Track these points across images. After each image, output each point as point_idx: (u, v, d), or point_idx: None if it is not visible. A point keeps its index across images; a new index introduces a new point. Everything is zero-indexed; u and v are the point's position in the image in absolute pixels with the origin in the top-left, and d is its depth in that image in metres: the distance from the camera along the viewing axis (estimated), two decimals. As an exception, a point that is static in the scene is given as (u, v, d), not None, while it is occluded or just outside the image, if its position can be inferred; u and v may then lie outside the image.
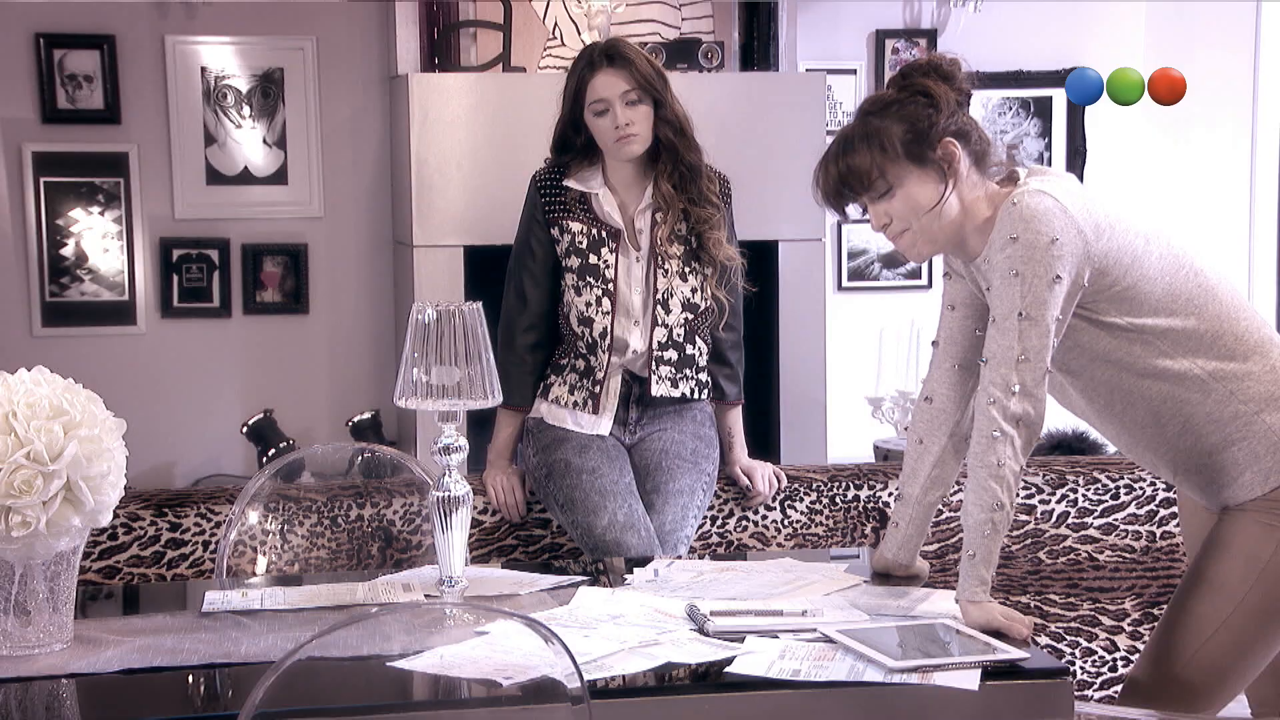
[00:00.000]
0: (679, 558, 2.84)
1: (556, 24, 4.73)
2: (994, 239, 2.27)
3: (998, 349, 2.25)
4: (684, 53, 4.54)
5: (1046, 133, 5.45)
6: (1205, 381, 2.31)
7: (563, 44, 4.73)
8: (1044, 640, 3.30)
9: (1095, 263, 2.26)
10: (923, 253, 2.37)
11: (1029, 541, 3.34)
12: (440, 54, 4.61)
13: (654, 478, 3.11)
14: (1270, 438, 2.30)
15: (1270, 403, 2.31)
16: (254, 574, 2.81)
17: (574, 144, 3.14)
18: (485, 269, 4.15)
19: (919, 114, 2.31)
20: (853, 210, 2.38)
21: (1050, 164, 5.43)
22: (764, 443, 4.42)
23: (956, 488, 2.79)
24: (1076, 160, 5.43)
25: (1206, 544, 2.38)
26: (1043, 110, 5.44)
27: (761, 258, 4.49)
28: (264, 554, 2.84)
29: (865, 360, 5.40)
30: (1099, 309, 2.30)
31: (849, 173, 2.31)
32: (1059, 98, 5.41)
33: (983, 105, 5.40)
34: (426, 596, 2.38)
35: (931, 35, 5.33)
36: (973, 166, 2.34)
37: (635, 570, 2.56)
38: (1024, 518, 3.34)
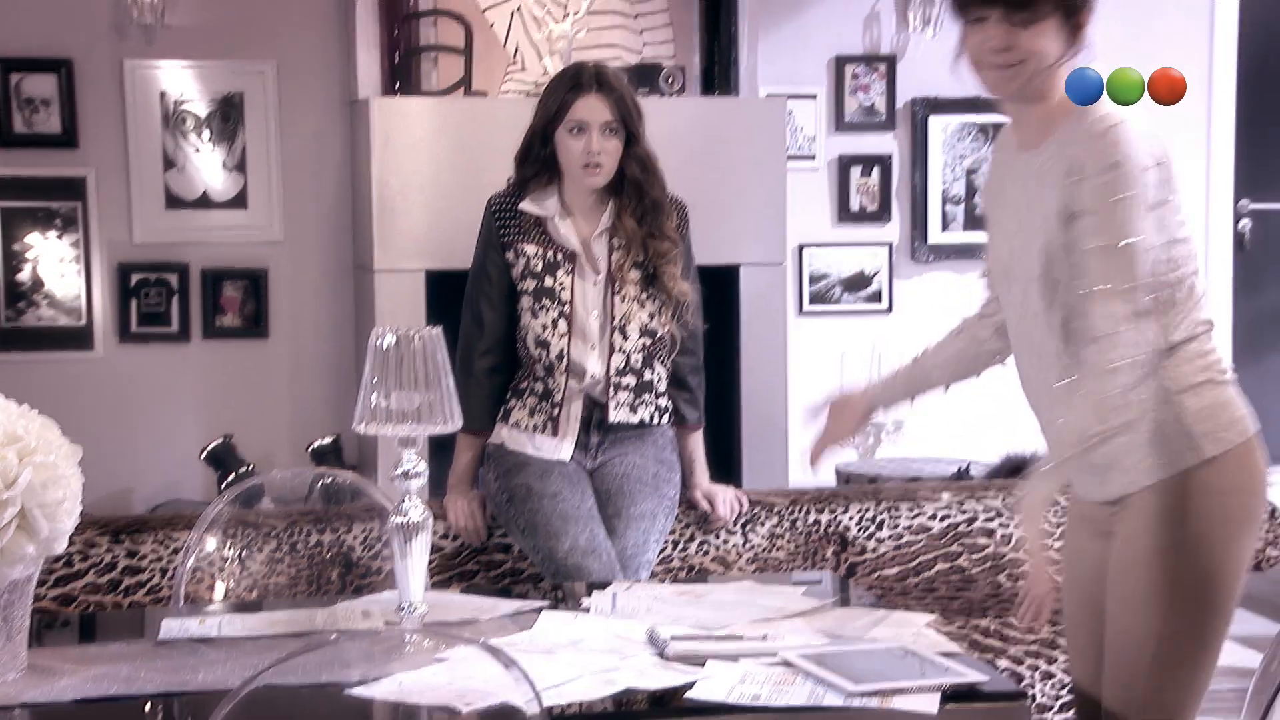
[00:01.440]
0: (640, 582, 2.83)
1: (518, 48, 4.74)
2: (1091, 159, 2.19)
3: (1095, 281, 2.18)
4: (645, 77, 4.56)
5: (1005, 157, 5.49)
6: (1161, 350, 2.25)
7: (524, 68, 4.74)
8: (1003, 664, 3.31)
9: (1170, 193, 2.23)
10: (1010, 90, 2.29)
11: (988, 565, 3.35)
12: (401, 78, 4.61)
13: (615, 502, 3.10)
14: (1177, 426, 2.25)
15: (1190, 388, 2.27)
16: (212, 601, 2.78)
17: (538, 156, 3.14)
18: (447, 293, 4.14)
19: None
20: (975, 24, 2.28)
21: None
22: (726, 466, 4.42)
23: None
24: (1035, 185, 5.47)
25: (1118, 565, 2.33)
26: (1001, 135, 5.48)
27: (723, 282, 4.51)
28: (222, 581, 2.82)
29: (827, 384, 5.40)
30: None
31: None
32: (1017, 123, 5.45)
33: (941, 130, 5.44)
34: (386, 623, 2.37)
35: (891, 61, 5.37)
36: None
37: (595, 595, 2.55)
38: (983, 541, 3.35)
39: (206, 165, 4.77)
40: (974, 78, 2.34)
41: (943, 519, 3.35)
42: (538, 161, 3.15)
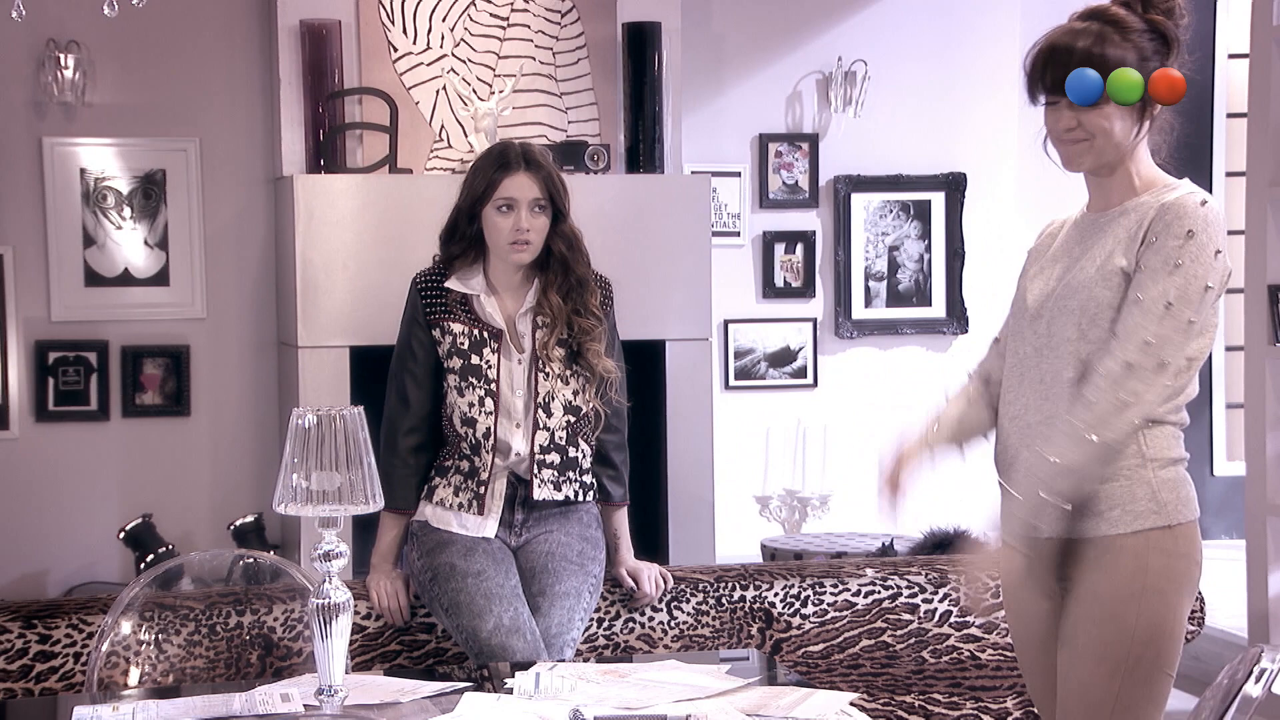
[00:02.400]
0: (564, 661, 2.81)
1: (444, 126, 4.76)
2: (1171, 223, 2.33)
3: (1133, 328, 2.33)
4: (571, 155, 4.59)
5: (926, 235, 5.57)
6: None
7: (450, 145, 4.76)
8: (930, 738, 3.31)
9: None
10: (1083, 165, 2.45)
11: (912, 641, 3.36)
12: (326, 155, 4.61)
13: (540, 580, 3.08)
14: (1147, 489, 2.39)
15: (1163, 461, 2.41)
16: (127, 686, 2.73)
17: (464, 234, 3.15)
18: (371, 369, 4.12)
19: (1151, 51, 2.40)
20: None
21: (930, 266, 5.55)
22: (652, 542, 4.42)
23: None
24: (956, 261, 5.56)
25: (1074, 623, 2.42)
26: (922, 213, 5.57)
27: (649, 357, 4.52)
28: (137, 665, 2.76)
29: (753, 459, 5.44)
30: None
31: (1099, 54, 2.36)
32: (938, 201, 5.55)
33: (864, 208, 5.52)
34: (305, 707, 2.33)
35: (813, 139, 5.45)
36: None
37: (519, 675, 2.53)
38: (907, 617, 3.36)
39: (128, 242, 4.73)
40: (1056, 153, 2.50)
41: (867, 595, 3.36)
42: (464, 240, 3.16)
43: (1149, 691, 2.40)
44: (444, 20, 4.77)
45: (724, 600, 3.32)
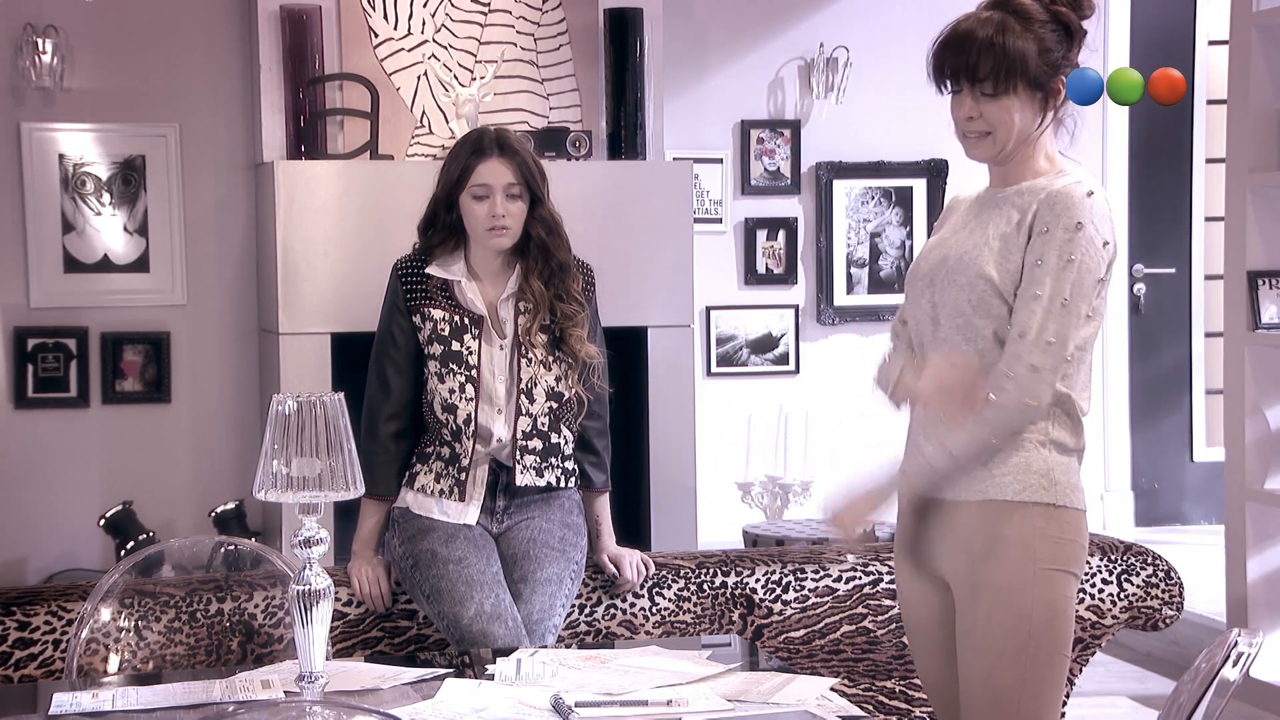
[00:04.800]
0: (545, 647, 2.81)
1: (425, 112, 4.75)
2: (1059, 214, 2.35)
3: (1036, 328, 2.35)
4: (552, 141, 4.58)
5: (908, 221, 5.58)
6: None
7: (431, 132, 4.75)
8: (911, 723, 3.32)
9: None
10: (981, 155, 2.48)
11: (894, 626, 3.37)
12: (307, 141, 4.59)
13: (522, 566, 3.08)
14: (1044, 465, 2.40)
15: (1060, 445, 2.43)
16: (106, 673, 2.72)
17: (443, 223, 3.14)
18: (352, 355, 4.11)
19: (1053, 42, 2.40)
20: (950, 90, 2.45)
21: (912, 253, 5.56)
22: (634, 529, 4.42)
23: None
24: (937, 248, 5.56)
25: (971, 612, 2.44)
26: (904, 200, 5.58)
27: (631, 344, 4.52)
28: (117, 652, 2.75)
29: (734, 445, 5.44)
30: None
31: (1004, 41, 2.37)
32: (919, 187, 5.56)
33: (845, 194, 5.52)
34: (286, 693, 2.33)
35: (795, 126, 5.45)
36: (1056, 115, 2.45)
37: (500, 661, 2.53)
38: (889, 602, 3.37)
39: (107, 228, 4.71)
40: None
41: (848, 581, 3.37)
42: (444, 229, 3.15)
43: (1051, 675, 2.42)
44: (425, 6, 4.75)
45: (705, 586, 3.33)
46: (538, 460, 3.14)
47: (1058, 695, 2.45)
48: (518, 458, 3.12)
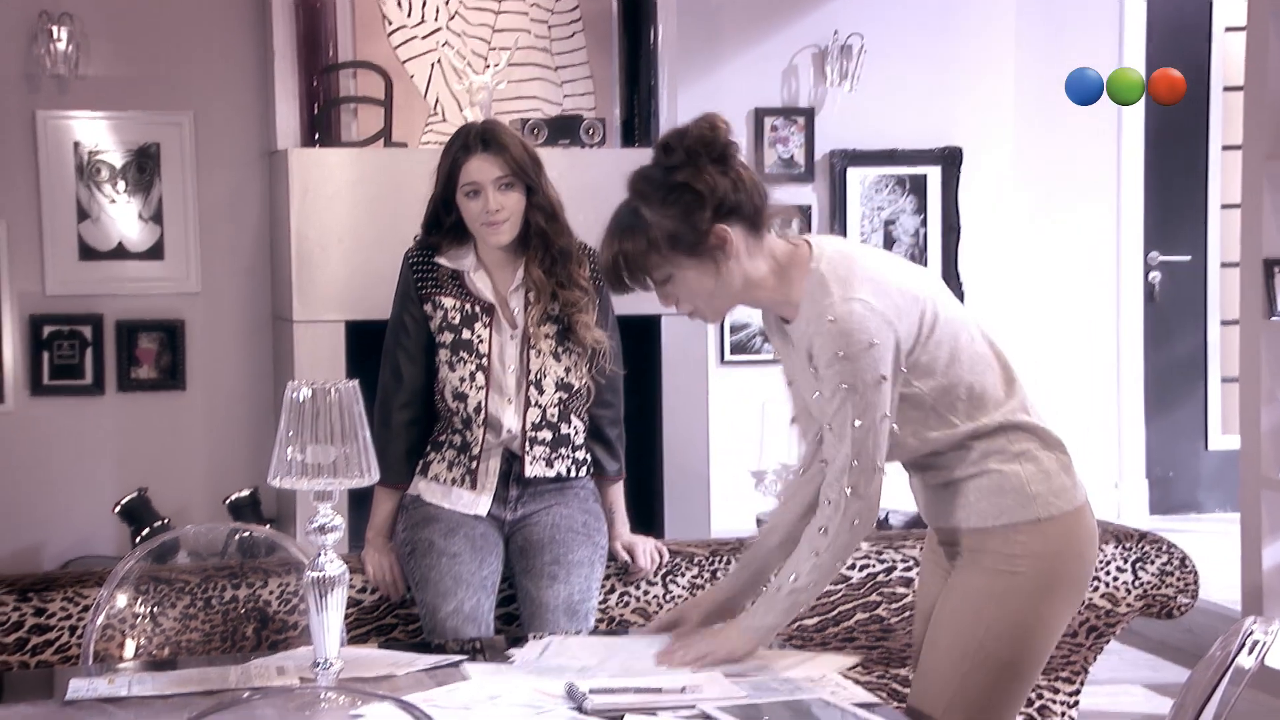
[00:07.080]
0: (580, 633, 2.83)
1: (438, 100, 4.75)
2: (820, 351, 2.31)
3: (836, 455, 2.32)
4: (566, 129, 4.58)
5: (922, 209, 5.57)
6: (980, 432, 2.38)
7: (444, 120, 4.75)
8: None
9: (903, 344, 2.33)
10: (714, 320, 2.52)
11: (907, 614, 3.37)
12: (321, 129, 4.59)
13: (551, 551, 3.09)
14: (1017, 481, 2.37)
15: (1023, 455, 2.38)
16: (122, 659, 2.73)
17: (445, 223, 3.14)
18: (367, 343, 4.12)
19: (688, 207, 2.34)
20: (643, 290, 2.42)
21: (926, 241, 5.55)
22: (647, 517, 4.42)
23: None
24: (951, 236, 5.55)
25: (940, 608, 2.44)
26: (918, 188, 5.56)
27: (644, 332, 4.52)
28: (133, 638, 2.77)
29: (748, 433, 5.44)
30: (908, 379, 2.36)
31: (625, 260, 2.37)
32: (933, 175, 5.54)
33: (860, 182, 5.51)
34: (301, 679, 2.34)
35: (809, 114, 5.44)
36: (749, 235, 2.35)
37: (531, 643, 2.54)
38: (902, 590, 3.37)
39: (122, 216, 4.72)
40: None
41: (861, 568, 3.37)
42: (448, 229, 3.15)
43: (997, 690, 2.37)
44: (438, -7, 4.75)
45: (719, 574, 3.33)
46: (547, 451, 3.14)
47: (999, 712, 2.39)
48: (527, 448, 3.12)
